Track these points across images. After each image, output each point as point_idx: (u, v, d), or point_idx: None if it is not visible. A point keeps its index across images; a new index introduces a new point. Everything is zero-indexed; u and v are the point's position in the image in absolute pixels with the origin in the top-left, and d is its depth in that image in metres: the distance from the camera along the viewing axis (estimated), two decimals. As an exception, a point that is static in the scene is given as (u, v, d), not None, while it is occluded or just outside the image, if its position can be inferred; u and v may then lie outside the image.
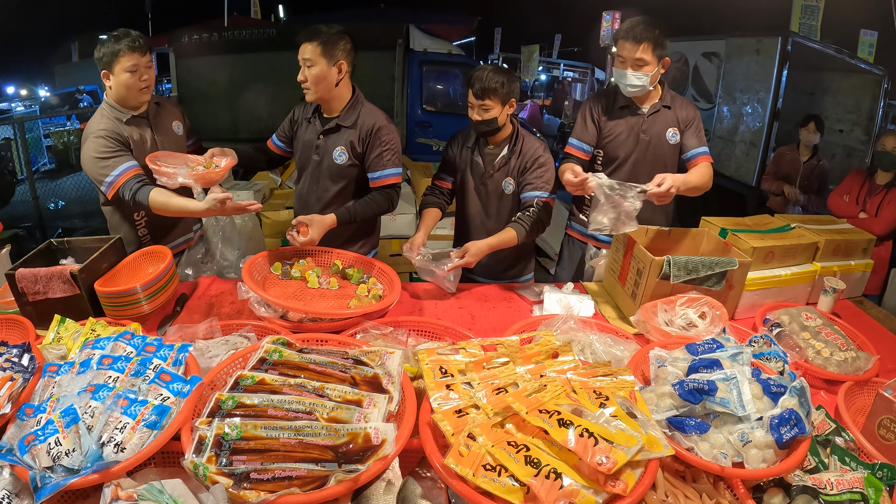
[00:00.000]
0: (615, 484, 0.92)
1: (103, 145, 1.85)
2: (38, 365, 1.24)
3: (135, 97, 1.92)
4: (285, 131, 2.15)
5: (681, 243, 1.97)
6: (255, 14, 9.56)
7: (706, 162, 2.06)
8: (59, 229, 5.80)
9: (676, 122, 2.09)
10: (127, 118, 1.94)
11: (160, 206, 1.80)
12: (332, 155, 2.00)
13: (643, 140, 2.09)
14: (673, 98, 2.10)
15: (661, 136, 2.09)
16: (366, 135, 1.97)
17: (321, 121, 2.03)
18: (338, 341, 1.40)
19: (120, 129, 1.91)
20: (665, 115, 2.09)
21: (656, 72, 1.97)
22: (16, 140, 7.31)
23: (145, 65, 1.90)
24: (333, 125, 1.99)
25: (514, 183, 2.06)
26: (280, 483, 0.91)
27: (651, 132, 2.09)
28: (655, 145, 2.10)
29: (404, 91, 5.96)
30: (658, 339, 1.53)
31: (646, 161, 2.10)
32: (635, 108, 2.10)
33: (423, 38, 6.15)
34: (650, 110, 2.08)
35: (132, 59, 1.85)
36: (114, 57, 1.85)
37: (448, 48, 6.52)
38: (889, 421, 1.19)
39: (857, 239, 1.97)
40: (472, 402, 1.10)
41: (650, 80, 1.97)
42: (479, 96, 1.92)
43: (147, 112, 2.00)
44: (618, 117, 2.12)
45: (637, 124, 2.10)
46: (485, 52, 16.91)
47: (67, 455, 0.98)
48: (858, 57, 5.42)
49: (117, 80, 1.87)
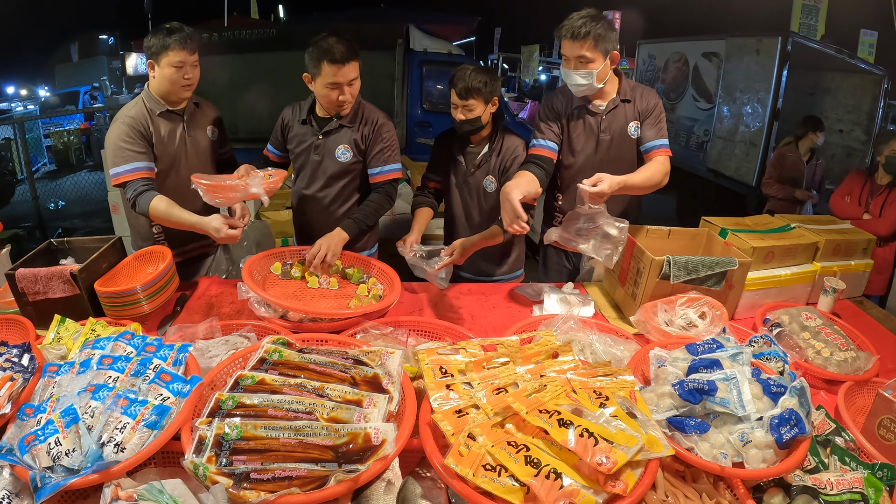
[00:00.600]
0: (615, 484, 0.92)
1: (126, 133, 1.85)
2: (38, 365, 1.24)
3: (176, 93, 1.91)
4: (278, 138, 2.13)
5: (681, 243, 1.97)
6: (254, 14, 9.56)
7: (663, 156, 1.92)
8: (59, 229, 5.80)
9: (637, 114, 1.96)
10: (161, 111, 1.93)
11: (160, 215, 1.79)
12: (334, 154, 2.01)
13: (603, 140, 1.98)
14: (633, 89, 1.97)
15: (623, 133, 1.97)
16: (369, 132, 2.00)
17: (318, 121, 2.03)
18: (338, 341, 1.40)
19: (148, 120, 1.90)
20: (624, 109, 1.95)
21: (603, 68, 1.85)
22: (16, 140, 7.32)
23: (192, 63, 1.89)
24: (335, 125, 1.99)
25: (496, 181, 2.08)
26: (280, 483, 0.91)
27: (611, 130, 1.97)
28: (617, 144, 1.98)
29: (404, 91, 5.95)
30: (658, 339, 1.53)
31: (608, 161, 1.98)
32: (592, 107, 1.97)
33: (423, 38, 6.15)
34: (608, 107, 1.96)
35: (180, 55, 1.84)
36: (162, 49, 1.84)
37: (448, 48, 6.51)
38: (889, 421, 1.19)
39: (857, 239, 1.97)
40: (472, 402, 1.10)
41: (597, 78, 1.85)
42: (462, 96, 1.94)
43: (184, 110, 1.99)
44: (576, 118, 2.00)
45: (595, 124, 1.98)
46: (485, 52, 16.91)
47: (67, 455, 0.98)
48: (858, 57, 5.42)
49: (161, 72, 1.86)
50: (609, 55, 1.85)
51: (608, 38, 1.81)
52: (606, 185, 1.63)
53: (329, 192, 2.07)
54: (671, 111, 6.78)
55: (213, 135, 2.11)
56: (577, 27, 1.78)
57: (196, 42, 1.89)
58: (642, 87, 2.00)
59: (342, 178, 2.05)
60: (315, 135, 2.02)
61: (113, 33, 18.33)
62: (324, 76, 1.84)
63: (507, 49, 17.14)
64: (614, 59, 1.88)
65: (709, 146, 5.95)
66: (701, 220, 2.05)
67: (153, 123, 1.91)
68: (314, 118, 2.03)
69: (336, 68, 1.82)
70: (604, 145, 1.99)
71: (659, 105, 1.96)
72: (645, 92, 1.97)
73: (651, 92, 1.98)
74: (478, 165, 2.09)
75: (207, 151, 2.08)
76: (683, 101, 6.51)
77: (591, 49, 1.80)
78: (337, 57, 1.81)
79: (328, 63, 1.82)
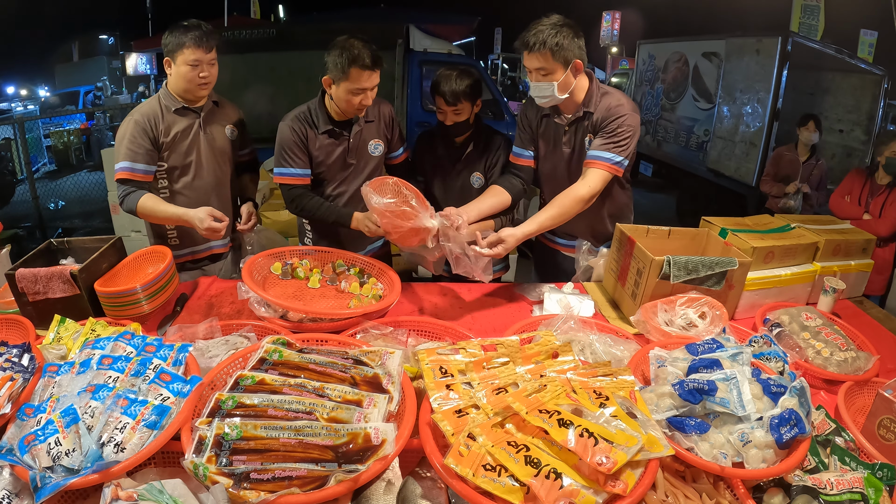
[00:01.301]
0: (615, 484, 0.92)
1: (133, 132, 1.87)
2: (38, 365, 1.24)
3: (192, 91, 1.91)
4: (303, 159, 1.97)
5: (681, 243, 1.97)
6: (254, 14, 9.57)
7: (599, 169, 1.79)
8: (59, 229, 5.81)
9: (592, 126, 1.86)
10: (177, 108, 1.94)
11: (148, 211, 1.82)
12: (367, 151, 2.05)
13: (566, 153, 1.93)
14: (601, 97, 1.84)
15: (584, 147, 1.89)
16: (388, 120, 2.08)
17: (341, 126, 1.97)
18: (338, 341, 1.40)
19: (159, 118, 1.91)
20: (586, 121, 1.87)
21: (566, 78, 1.75)
22: (16, 140, 7.32)
23: (208, 62, 1.89)
24: (362, 123, 2.01)
25: (483, 177, 2.13)
26: (280, 483, 0.91)
27: (573, 143, 1.91)
28: (578, 157, 1.91)
29: (404, 91, 5.96)
30: (658, 339, 1.53)
31: (573, 174, 1.91)
32: (558, 119, 1.92)
33: (423, 38, 6.16)
34: (572, 119, 1.89)
35: (196, 53, 1.84)
36: (178, 47, 1.84)
37: (448, 48, 6.52)
38: (889, 421, 1.19)
39: (856, 239, 1.97)
40: (472, 402, 1.10)
41: (558, 89, 1.75)
42: (452, 103, 1.97)
43: (202, 107, 1.99)
44: (544, 127, 1.97)
45: (559, 136, 1.93)
46: (485, 52, 16.92)
47: (67, 455, 0.98)
48: (858, 57, 5.43)
49: (178, 70, 1.87)
50: (571, 65, 1.74)
51: (569, 48, 1.71)
52: (502, 248, 1.67)
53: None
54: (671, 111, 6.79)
55: (233, 134, 2.10)
56: (532, 38, 1.71)
57: (214, 40, 1.89)
58: (611, 95, 1.86)
59: (376, 172, 2.09)
60: (345, 140, 1.99)
61: (113, 33, 18.35)
62: (351, 81, 1.81)
63: (507, 49, 17.15)
64: (578, 68, 1.77)
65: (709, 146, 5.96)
66: (701, 220, 2.05)
67: (165, 121, 1.92)
68: (336, 125, 1.97)
69: (366, 74, 1.80)
70: (566, 158, 1.94)
71: (619, 118, 1.79)
72: (606, 101, 1.84)
73: (614, 99, 1.84)
74: (464, 163, 2.13)
75: (226, 151, 2.08)
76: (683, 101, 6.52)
77: (548, 60, 1.72)
78: (368, 63, 1.78)
79: (359, 69, 1.78)
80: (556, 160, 1.98)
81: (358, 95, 1.85)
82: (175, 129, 1.94)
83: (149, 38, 12.05)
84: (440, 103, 2.00)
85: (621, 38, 13.31)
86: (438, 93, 1.98)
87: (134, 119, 1.88)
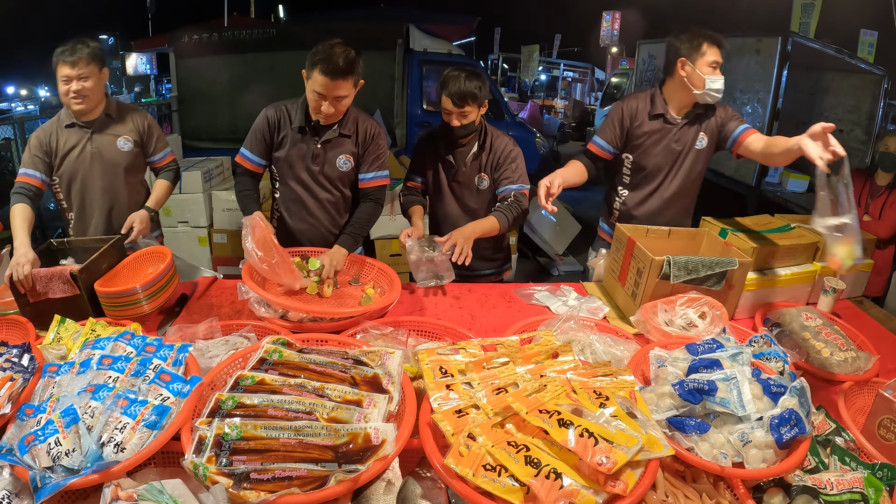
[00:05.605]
0: (615, 484, 0.92)
1: (32, 143, 2.03)
2: (38, 365, 1.24)
3: (67, 105, 2.01)
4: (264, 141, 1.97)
5: (681, 243, 1.97)
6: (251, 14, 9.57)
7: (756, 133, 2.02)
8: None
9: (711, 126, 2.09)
10: (67, 123, 2.05)
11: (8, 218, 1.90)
12: (335, 163, 1.97)
13: (674, 150, 2.10)
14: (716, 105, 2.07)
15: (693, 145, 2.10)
16: (363, 139, 1.98)
17: (316, 129, 1.93)
18: (338, 341, 1.40)
19: (55, 133, 2.04)
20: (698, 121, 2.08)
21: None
22: (16, 140, 7.30)
23: (77, 76, 1.95)
24: (336, 134, 1.94)
25: (488, 178, 2.12)
26: (280, 483, 0.91)
27: (683, 141, 2.09)
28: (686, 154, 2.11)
29: (404, 91, 5.96)
30: (658, 339, 1.53)
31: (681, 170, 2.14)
32: (669, 118, 2.08)
33: (423, 38, 6.15)
34: (682, 120, 2.07)
35: (63, 69, 1.94)
36: (54, 66, 1.95)
37: (448, 48, 6.51)
38: (889, 421, 1.19)
39: (857, 239, 1.97)
40: (472, 402, 1.10)
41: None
42: (458, 104, 1.94)
43: (93, 122, 2.06)
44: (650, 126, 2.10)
45: (670, 133, 2.08)
46: (485, 52, 16.91)
47: (67, 455, 0.98)
48: (858, 57, 5.42)
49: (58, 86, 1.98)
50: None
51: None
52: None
53: (327, 199, 2.04)
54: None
55: (126, 145, 2.13)
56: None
57: (82, 54, 1.94)
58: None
59: (341, 186, 2.03)
60: (314, 143, 1.94)
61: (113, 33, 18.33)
62: (312, 82, 1.78)
63: (507, 49, 17.15)
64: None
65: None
66: (701, 220, 2.05)
67: (58, 136, 2.05)
68: (311, 125, 1.91)
69: (325, 80, 1.74)
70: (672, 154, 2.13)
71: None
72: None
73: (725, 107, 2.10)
74: (469, 164, 2.11)
75: (117, 163, 2.12)
76: (683, 101, 6.50)
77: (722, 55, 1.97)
78: (329, 70, 1.72)
79: (320, 73, 1.74)
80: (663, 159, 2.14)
81: (319, 99, 1.80)
82: (67, 144, 2.05)
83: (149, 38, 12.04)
84: (445, 104, 1.96)
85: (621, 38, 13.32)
86: (446, 94, 1.95)
87: (36, 132, 2.04)
